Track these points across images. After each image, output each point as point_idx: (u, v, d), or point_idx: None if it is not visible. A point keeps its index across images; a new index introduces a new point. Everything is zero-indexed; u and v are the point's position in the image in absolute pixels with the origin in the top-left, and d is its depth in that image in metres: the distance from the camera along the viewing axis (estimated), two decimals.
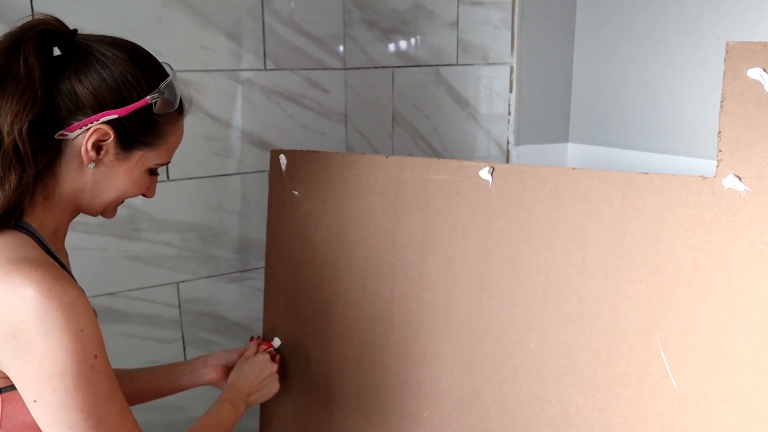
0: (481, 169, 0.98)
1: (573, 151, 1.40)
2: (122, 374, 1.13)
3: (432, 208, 1.03)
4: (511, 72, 1.31)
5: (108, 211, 0.92)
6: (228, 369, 1.17)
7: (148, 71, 0.86)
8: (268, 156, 1.28)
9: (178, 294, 1.66)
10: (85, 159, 0.83)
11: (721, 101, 0.80)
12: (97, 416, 0.77)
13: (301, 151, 1.20)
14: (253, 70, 1.66)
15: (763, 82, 0.78)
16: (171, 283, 1.65)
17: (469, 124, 1.43)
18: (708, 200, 0.82)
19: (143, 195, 0.94)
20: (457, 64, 1.43)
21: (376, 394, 1.13)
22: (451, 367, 1.05)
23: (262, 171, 1.71)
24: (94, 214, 0.92)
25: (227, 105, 1.65)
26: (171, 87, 0.87)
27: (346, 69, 1.82)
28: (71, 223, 0.92)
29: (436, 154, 1.52)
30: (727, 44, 0.80)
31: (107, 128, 0.82)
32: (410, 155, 1.44)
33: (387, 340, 1.11)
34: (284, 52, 1.70)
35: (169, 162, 0.93)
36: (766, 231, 0.79)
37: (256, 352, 1.18)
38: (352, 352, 1.15)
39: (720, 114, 0.81)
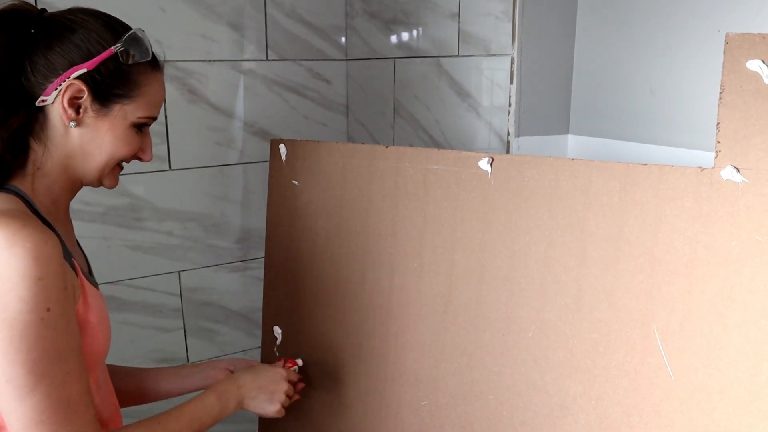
0: (480, 159, 0.98)
1: (573, 143, 1.40)
2: (131, 371, 1.13)
3: (431, 198, 1.04)
4: (512, 63, 1.31)
5: (106, 177, 0.93)
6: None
7: (112, 26, 0.89)
8: (269, 146, 1.28)
9: (180, 283, 1.67)
10: (65, 118, 0.86)
11: (720, 93, 0.81)
12: (38, 373, 0.75)
13: (301, 140, 1.20)
14: (255, 60, 1.66)
15: (762, 74, 0.78)
16: (172, 272, 1.66)
17: (470, 115, 1.43)
18: (706, 192, 0.83)
19: (139, 158, 0.95)
20: (458, 56, 1.43)
21: (375, 383, 1.14)
22: (450, 356, 1.05)
23: (263, 161, 1.71)
24: (95, 183, 0.93)
25: (229, 95, 1.65)
26: (136, 38, 0.89)
27: (347, 60, 1.82)
28: (75, 212, 0.93)
29: (437, 145, 1.52)
30: (727, 36, 0.79)
31: (79, 83, 0.85)
32: (411, 146, 1.45)
33: (386, 329, 1.11)
34: (286, 42, 1.71)
35: (155, 117, 0.94)
36: (763, 222, 0.79)
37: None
38: (351, 342, 1.16)
39: (719, 105, 0.81)
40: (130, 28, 0.90)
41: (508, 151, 1.35)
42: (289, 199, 1.20)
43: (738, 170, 0.80)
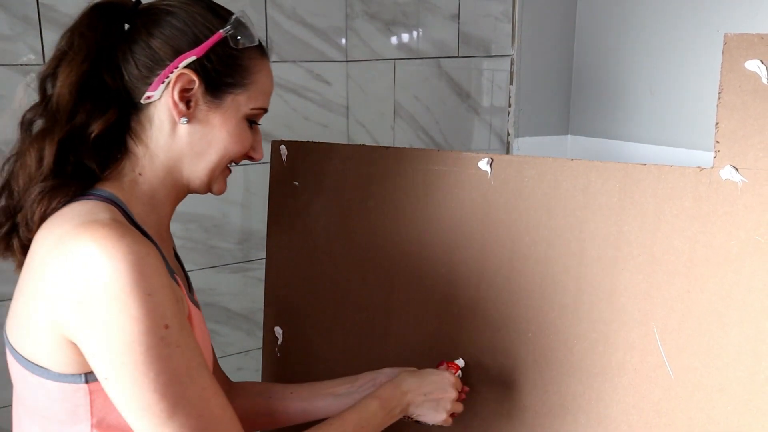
0: (480, 160, 0.99)
1: (573, 143, 1.40)
2: (282, 389, 1.03)
3: (431, 199, 1.04)
4: (512, 64, 1.31)
5: (216, 181, 0.85)
6: None
7: (215, 9, 0.81)
8: (269, 147, 1.28)
9: None
10: (175, 114, 0.78)
11: (719, 93, 0.81)
12: (172, 397, 0.67)
13: (302, 141, 1.20)
14: None
15: (760, 74, 0.79)
16: None
17: (470, 116, 1.43)
18: (705, 191, 0.83)
19: (250, 158, 0.87)
20: (458, 56, 1.44)
21: None
22: (450, 357, 1.05)
23: (264, 162, 1.71)
24: (203, 188, 0.85)
25: None
26: (243, 21, 0.81)
27: (348, 61, 1.83)
28: None
29: (437, 146, 1.53)
30: (725, 36, 0.80)
31: (190, 73, 0.77)
32: (411, 147, 1.45)
33: (386, 329, 1.11)
34: (287, 44, 1.71)
35: (266, 109, 0.86)
36: (762, 222, 0.80)
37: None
38: (351, 341, 1.16)
39: (717, 106, 0.81)
40: (232, 12, 0.82)
41: (508, 152, 1.35)
42: (289, 199, 1.21)
43: (737, 170, 0.81)
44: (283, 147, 1.23)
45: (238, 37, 0.80)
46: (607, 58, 1.32)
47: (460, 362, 1.01)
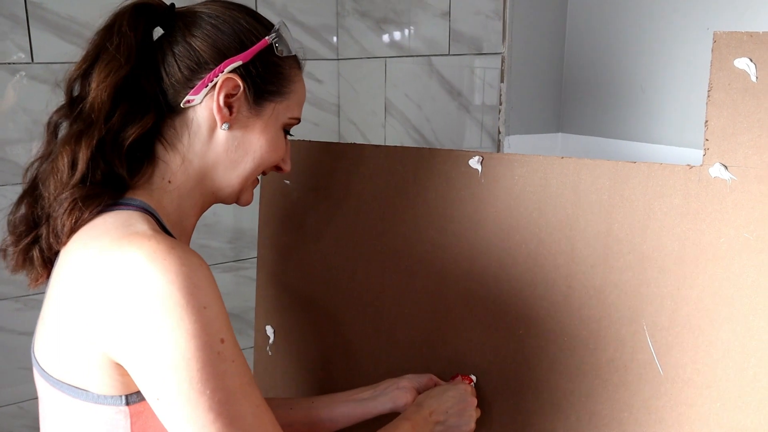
0: (470, 158, 0.99)
1: (564, 141, 1.41)
2: (297, 402, 1.00)
3: (422, 197, 1.04)
4: (503, 62, 1.31)
5: (245, 190, 0.84)
6: (420, 393, 0.98)
7: (257, 16, 0.81)
8: None
9: None
10: (218, 118, 0.76)
11: (708, 91, 0.81)
12: (228, 415, 0.64)
13: (293, 140, 1.20)
14: None
15: (749, 72, 0.79)
16: None
17: (461, 114, 1.43)
18: (695, 189, 0.83)
19: (278, 169, 0.86)
20: (449, 54, 1.44)
21: (366, 381, 1.14)
22: (441, 355, 1.05)
23: None
24: (232, 197, 0.83)
25: None
26: (285, 30, 0.81)
27: (339, 59, 1.82)
28: None
29: (428, 145, 1.53)
30: (715, 34, 0.80)
31: (236, 78, 0.75)
32: (402, 145, 1.45)
33: (376, 327, 1.11)
34: None
35: (300, 120, 0.86)
36: (751, 219, 0.80)
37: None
38: (341, 340, 1.16)
39: (707, 103, 0.81)
40: (272, 22, 0.82)
41: (499, 150, 1.35)
42: (280, 198, 1.21)
43: (726, 168, 0.81)
44: None
45: (281, 46, 0.79)
46: (598, 56, 1.32)
47: (474, 377, 1.02)
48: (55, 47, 1.46)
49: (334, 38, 1.81)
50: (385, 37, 1.64)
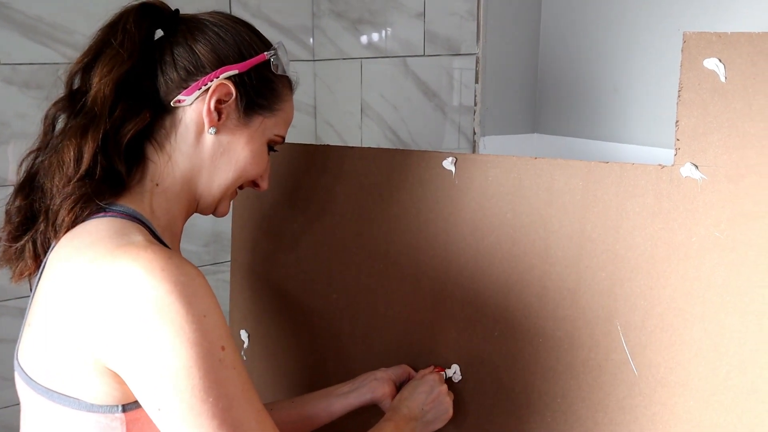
0: (444, 159, 0.98)
1: (539, 142, 1.41)
2: (291, 403, 1.01)
3: (396, 198, 1.03)
4: (477, 63, 1.31)
5: (223, 200, 0.85)
6: (396, 385, 1.00)
7: (258, 33, 0.83)
8: None
9: None
10: (206, 121, 0.77)
11: (679, 91, 0.82)
12: (232, 422, 0.64)
13: None
14: None
15: (718, 72, 0.79)
16: None
17: (437, 115, 1.43)
18: (666, 188, 0.83)
19: (256, 185, 0.88)
20: (424, 55, 1.43)
21: None
22: (416, 357, 1.05)
23: None
24: (210, 207, 0.84)
25: None
26: (283, 51, 0.83)
27: (315, 60, 1.81)
28: None
29: (405, 146, 1.52)
30: (684, 34, 0.80)
31: (230, 84, 0.77)
32: (378, 147, 1.44)
33: (353, 330, 1.11)
34: None
35: (284, 139, 0.88)
36: (721, 218, 0.80)
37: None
38: (318, 344, 1.15)
39: (677, 103, 0.82)
40: (271, 42, 0.85)
41: (474, 151, 1.35)
42: (254, 200, 1.19)
43: (697, 167, 0.81)
44: None
45: (278, 64, 0.82)
46: (572, 57, 1.32)
47: (449, 371, 1.02)
48: (22, 48, 1.44)
49: (310, 39, 1.80)
50: (363, 39, 1.63)
